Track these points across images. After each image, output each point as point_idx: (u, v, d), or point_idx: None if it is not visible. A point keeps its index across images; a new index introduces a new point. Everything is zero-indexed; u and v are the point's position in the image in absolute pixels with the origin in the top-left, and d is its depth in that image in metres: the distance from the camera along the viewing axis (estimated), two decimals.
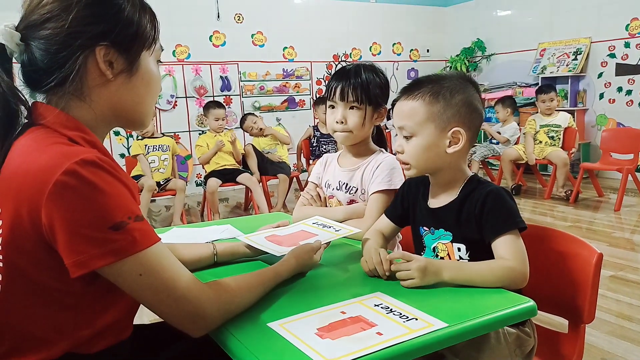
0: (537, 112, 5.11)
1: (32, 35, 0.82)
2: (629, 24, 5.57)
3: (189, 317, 0.83)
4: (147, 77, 0.90)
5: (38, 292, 0.78)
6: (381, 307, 0.93)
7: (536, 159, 4.92)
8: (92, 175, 0.73)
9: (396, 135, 1.20)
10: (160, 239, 0.81)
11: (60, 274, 0.75)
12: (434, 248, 1.19)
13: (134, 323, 0.96)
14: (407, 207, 1.28)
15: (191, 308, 0.82)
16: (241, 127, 5.08)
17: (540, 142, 4.94)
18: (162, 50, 0.95)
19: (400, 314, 0.90)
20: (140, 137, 4.49)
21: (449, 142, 1.12)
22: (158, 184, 4.27)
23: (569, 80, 5.95)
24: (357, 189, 1.54)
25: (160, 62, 0.95)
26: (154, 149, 4.39)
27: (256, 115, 5.06)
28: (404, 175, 1.38)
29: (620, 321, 2.25)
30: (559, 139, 4.88)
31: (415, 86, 1.16)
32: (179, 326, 0.83)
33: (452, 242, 1.16)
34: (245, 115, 5.16)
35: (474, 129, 1.15)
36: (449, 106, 1.12)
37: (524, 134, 5.09)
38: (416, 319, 0.87)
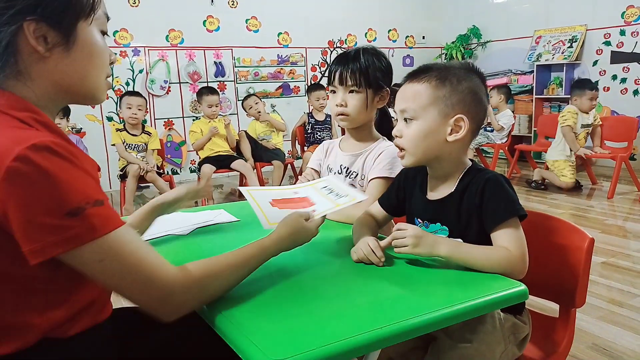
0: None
1: None
2: (624, 12, 5.56)
3: (157, 302, 0.80)
4: (88, 49, 0.84)
5: (4, 280, 0.76)
6: (325, 189, 1.24)
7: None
8: (45, 160, 0.70)
9: (396, 120, 1.18)
10: (124, 223, 0.78)
11: (23, 260, 0.72)
12: None
13: (122, 306, 0.95)
14: (402, 198, 1.26)
15: (160, 294, 0.79)
16: (242, 104, 5.06)
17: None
18: (108, 19, 0.89)
19: (337, 193, 1.20)
20: (119, 129, 4.31)
21: (450, 129, 1.09)
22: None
23: (564, 68, 5.95)
24: (357, 174, 1.55)
25: (106, 33, 0.89)
26: (131, 148, 4.28)
27: (260, 98, 5.04)
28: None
29: (610, 306, 2.28)
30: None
31: (422, 71, 1.14)
32: (149, 311, 0.81)
33: (449, 237, 1.14)
34: (249, 94, 5.16)
35: (477, 120, 1.12)
36: (455, 92, 1.09)
37: (563, 126, 4.43)
38: (346, 196, 1.18)
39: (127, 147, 4.31)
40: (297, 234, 1.04)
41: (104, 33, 0.88)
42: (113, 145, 4.26)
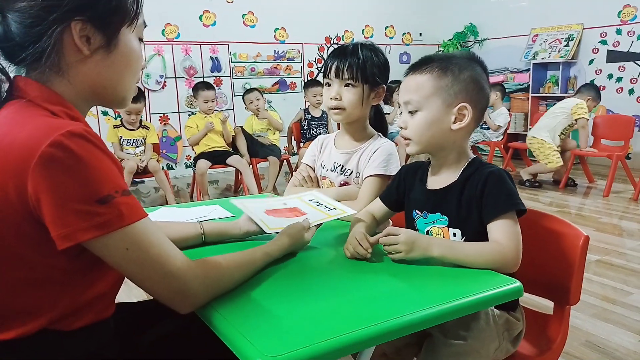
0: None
1: (8, 7, 0.79)
2: (621, 11, 5.57)
3: (175, 293, 0.82)
4: (127, 54, 0.87)
5: (22, 266, 0.77)
6: (313, 202, 1.30)
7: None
8: (79, 147, 0.72)
9: (401, 113, 1.19)
10: (148, 215, 0.80)
11: (46, 247, 0.74)
12: (427, 232, 1.18)
13: (121, 301, 0.95)
14: (402, 192, 1.26)
15: (178, 285, 0.81)
16: (243, 96, 5.04)
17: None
18: (145, 26, 0.92)
19: (326, 205, 1.27)
20: (116, 126, 4.34)
21: (454, 118, 1.11)
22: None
23: (560, 66, 5.96)
24: (352, 172, 1.53)
25: (142, 40, 0.92)
26: (128, 143, 4.28)
27: (262, 94, 5.02)
28: (405, 157, 1.36)
29: (604, 304, 2.29)
30: None
31: (424, 62, 1.15)
32: (166, 302, 0.83)
33: (448, 226, 1.14)
34: (252, 88, 5.12)
35: (480, 107, 1.13)
36: (457, 81, 1.11)
37: (582, 119, 4.35)
38: (335, 209, 1.25)
39: (125, 142, 4.29)
40: (296, 244, 1.11)
41: (140, 40, 0.91)
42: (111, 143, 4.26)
